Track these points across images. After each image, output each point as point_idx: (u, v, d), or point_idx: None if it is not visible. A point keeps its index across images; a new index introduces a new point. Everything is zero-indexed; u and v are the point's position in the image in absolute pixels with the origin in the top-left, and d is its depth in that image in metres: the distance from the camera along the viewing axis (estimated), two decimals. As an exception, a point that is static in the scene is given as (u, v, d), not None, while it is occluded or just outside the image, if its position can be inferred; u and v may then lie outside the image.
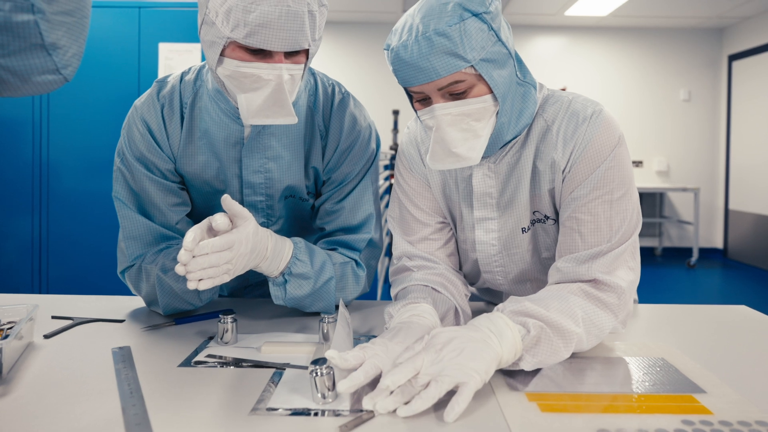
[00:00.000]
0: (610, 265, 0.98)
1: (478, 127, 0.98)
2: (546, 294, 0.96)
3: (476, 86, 0.96)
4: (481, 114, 0.97)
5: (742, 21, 6.60)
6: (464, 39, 0.92)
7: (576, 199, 1.02)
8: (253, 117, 1.04)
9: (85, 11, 0.69)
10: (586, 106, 1.04)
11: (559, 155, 1.04)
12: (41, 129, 3.41)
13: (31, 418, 0.73)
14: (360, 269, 1.24)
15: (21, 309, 1.02)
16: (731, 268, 6.35)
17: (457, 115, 0.97)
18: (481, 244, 1.14)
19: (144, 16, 3.41)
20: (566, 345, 0.89)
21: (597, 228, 1.00)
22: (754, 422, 0.74)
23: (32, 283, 3.44)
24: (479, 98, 0.97)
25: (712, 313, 1.28)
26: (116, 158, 1.22)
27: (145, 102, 1.20)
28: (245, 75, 1.01)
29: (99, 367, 0.90)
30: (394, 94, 6.80)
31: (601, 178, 1.00)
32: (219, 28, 0.99)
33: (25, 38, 0.63)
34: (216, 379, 0.87)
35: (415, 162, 1.19)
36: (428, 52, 0.92)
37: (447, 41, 0.91)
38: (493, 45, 0.95)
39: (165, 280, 1.13)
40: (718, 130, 7.05)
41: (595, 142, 1.01)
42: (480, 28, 0.93)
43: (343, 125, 1.23)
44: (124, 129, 1.21)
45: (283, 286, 1.13)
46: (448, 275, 1.14)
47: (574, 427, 0.72)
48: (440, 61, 0.92)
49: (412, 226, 1.19)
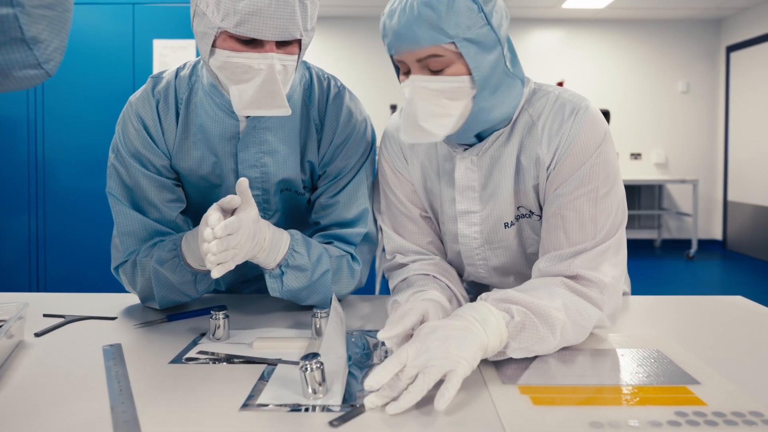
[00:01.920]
0: (593, 261, 0.97)
1: (450, 106, 0.98)
2: (529, 285, 0.97)
3: (455, 64, 0.96)
4: (456, 94, 0.97)
5: (739, 12, 6.58)
6: (450, 14, 0.92)
7: (560, 196, 1.01)
8: (245, 108, 1.03)
9: (66, 5, 0.68)
10: (572, 101, 1.03)
11: (543, 151, 1.03)
12: (36, 127, 3.40)
13: (21, 416, 0.72)
14: (355, 263, 1.23)
15: (11, 307, 1.01)
16: (730, 259, 6.36)
17: (432, 90, 0.97)
18: (464, 237, 1.14)
19: (138, 12, 3.40)
20: (552, 331, 0.88)
21: (581, 225, 0.99)
22: (748, 413, 0.73)
23: (29, 281, 3.44)
24: (456, 77, 0.96)
25: (707, 304, 1.27)
26: (111, 154, 1.21)
27: (140, 98, 1.19)
28: (236, 65, 1.01)
29: (90, 365, 0.90)
30: (390, 89, 6.78)
31: (586, 175, 0.99)
32: (210, 19, 0.99)
33: (5, 32, 0.62)
34: (207, 376, 0.86)
35: (397, 157, 1.19)
36: (412, 21, 0.93)
37: (432, 13, 0.92)
38: (480, 27, 0.94)
39: (161, 271, 1.12)
40: (716, 121, 7.04)
41: (581, 139, 1.00)
42: (469, 7, 0.93)
43: (339, 119, 1.23)
44: (119, 125, 1.20)
45: (279, 278, 1.12)
46: (443, 264, 1.16)
47: (566, 420, 0.72)
48: (422, 31, 0.93)
49: (399, 220, 1.19)
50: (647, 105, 7.05)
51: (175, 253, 1.12)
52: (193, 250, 1.08)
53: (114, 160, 1.20)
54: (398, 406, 0.72)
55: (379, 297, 1.34)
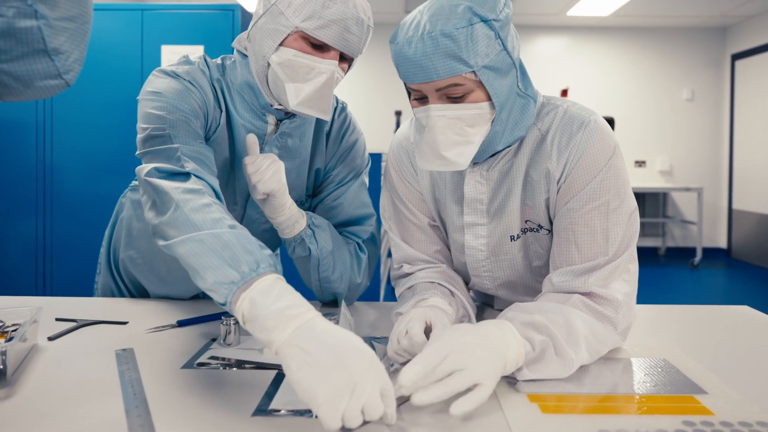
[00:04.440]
0: (606, 278, 0.97)
1: (471, 132, 0.97)
2: (551, 307, 0.93)
3: (474, 92, 0.95)
4: (476, 120, 0.97)
5: (745, 20, 6.59)
6: (469, 44, 0.91)
7: (571, 210, 1.01)
8: (299, 105, 1.09)
9: (87, 17, 0.69)
10: (580, 115, 1.03)
11: (553, 165, 1.03)
12: (45, 132, 3.42)
13: (35, 419, 0.74)
14: (362, 252, 1.29)
15: (25, 311, 1.03)
16: (735, 267, 6.34)
17: (451, 118, 0.96)
18: (470, 248, 1.14)
19: (147, 18, 3.42)
20: (565, 367, 0.88)
21: (593, 240, 0.99)
22: (756, 423, 0.74)
23: (36, 285, 3.46)
24: (476, 104, 0.96)
25: (713, 313, 1.28)
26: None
27: (189, 70, 1.16)
28: (301, 65, 1.07)
29: (103, 369, 0.91)
30: (396, 95, 6.81)
31: (597, 188, 0.99)
32: (288, 17, 1.06)
33: (28, 44, 0.63)
34: (219, 381, 0.87)
35: (405, 167, 1.19)
36: (431, 51, 0.91)
37: (452, 43, 0.90)
38: (497, 53, 0.94)
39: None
40: (721, 129, 7.03)
41: (591, 153, 1.00)
42: (487, 34, 0.92)
43: (345, 129, 1.32)
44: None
45: (312, 236, 1.19)
46: (449, 272, 1.17)
47: (575, 428, 0.72)
48: (442, 62, 0.91)
49: (408, 228, 1.20)
50: (652, 112, 7.05)
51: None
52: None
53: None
54: (427, 395, 0.73)
55: (384, 303, 1.35)
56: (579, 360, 0.89)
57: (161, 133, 1.06)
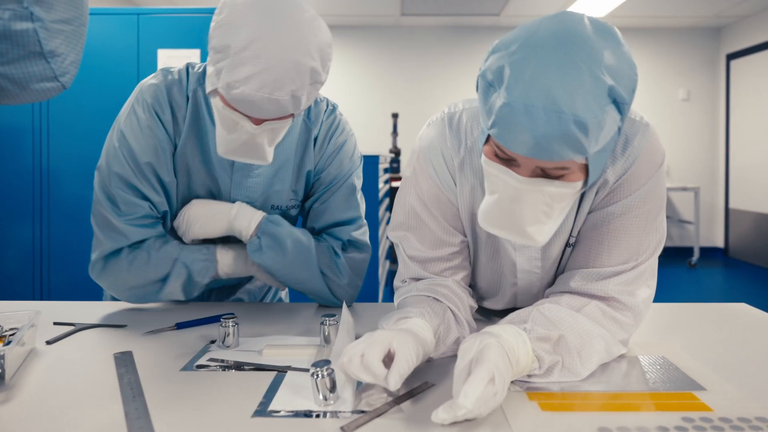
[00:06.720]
0: (631, 284, 0.95)
1: (555, 207, 0.86)
2: (576, 324, 0.90)
3: (575, 172, 0.84)
4: (566, 197, 0.86)
5: (739, 20, 6.62)
6: (597, 132, 0.78)
7: (611, 214, 0.96)
8: (227, 154, 1.11)
9: (82, 19, 0.69)
10: (633, 120, 0.96)
11: (609, 172, 0.96)
12: (41, 136, 3.42)
13: (34, 423, 0.73)
14: (337, 256, 1.28)
15: (23, 315, 1.02)
16: (732, 267, 6.35)
17: (543, 194, 0.84)
18: (523, 272, 1.07)
19: (143, 22, 3.42)
20: (568, 378, 0.88)
21: (628, 246, 0.95)
22: (754, 418, 0.74)
23: (33, 290, 3.45)
24: (571, 183, 0.85)
25: (711, 311, 1.28)
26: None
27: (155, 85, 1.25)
28: (227, 118, 1.06)
29: (101, 373, 0.91)
30: (393, 98, 6.82)
31: (644, 196, 0.95)
32: (210, 75, 1.04)
33: (24, 46, 0.63)
34: (218, 383, 0.87)
35: (445, 176, 1.05)
36: (555, 135, 0.76)
37: (581, 134, 0.76)
38: (614, 136, 0.83)
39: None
40: (717, 129, 7.05)
41: (642, 161, 0.95)
42: (615, 119, 0.80)
43: (334, 131, 1.32)
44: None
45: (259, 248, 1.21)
46: (455, 288, 1.05)
47: (574, 426, 0.73)
48: (562, 149, 0.77)
49: (425, 236, 1.07)
50: (648, 113, 7.06)
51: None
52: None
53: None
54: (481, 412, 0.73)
55: (383, 305, 1.35)
56: (586, 373, 0.89)
57: (109, 204, 1.29)
